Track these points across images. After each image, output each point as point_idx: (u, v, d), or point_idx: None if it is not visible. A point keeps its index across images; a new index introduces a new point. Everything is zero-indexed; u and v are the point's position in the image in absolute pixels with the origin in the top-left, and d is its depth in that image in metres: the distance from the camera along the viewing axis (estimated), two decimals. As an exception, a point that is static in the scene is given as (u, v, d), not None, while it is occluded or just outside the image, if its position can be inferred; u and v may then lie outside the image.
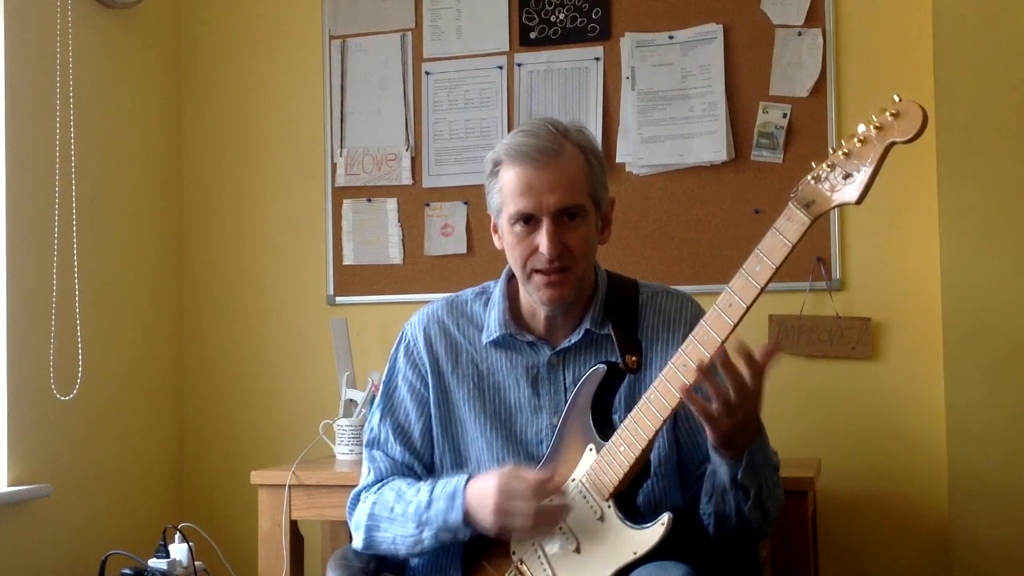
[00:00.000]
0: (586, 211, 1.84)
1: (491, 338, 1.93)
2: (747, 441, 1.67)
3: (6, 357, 2.64)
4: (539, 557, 1.76)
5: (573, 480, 1.75)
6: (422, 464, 1.97)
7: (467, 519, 1.77)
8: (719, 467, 1.72)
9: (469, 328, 1.97)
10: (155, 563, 2.49)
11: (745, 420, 1.64)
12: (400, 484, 1.92)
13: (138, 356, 3.10)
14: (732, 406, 1.62)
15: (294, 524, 2.56)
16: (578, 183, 1.83)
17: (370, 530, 1.91)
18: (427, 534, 1.82)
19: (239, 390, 3.23)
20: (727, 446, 1.67)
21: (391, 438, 1.98)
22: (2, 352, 2.63)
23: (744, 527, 1.74)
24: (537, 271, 1.83)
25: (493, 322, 1.93)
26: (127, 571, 2.47)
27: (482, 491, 1.76)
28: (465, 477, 1.82)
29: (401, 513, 1.86)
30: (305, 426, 2.99)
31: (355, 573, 1.98)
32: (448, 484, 1.82)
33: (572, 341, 1.89)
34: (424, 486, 1.86)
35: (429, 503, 1.82)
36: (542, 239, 1.80)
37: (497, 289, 1.97)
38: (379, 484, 1.96)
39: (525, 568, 1.77)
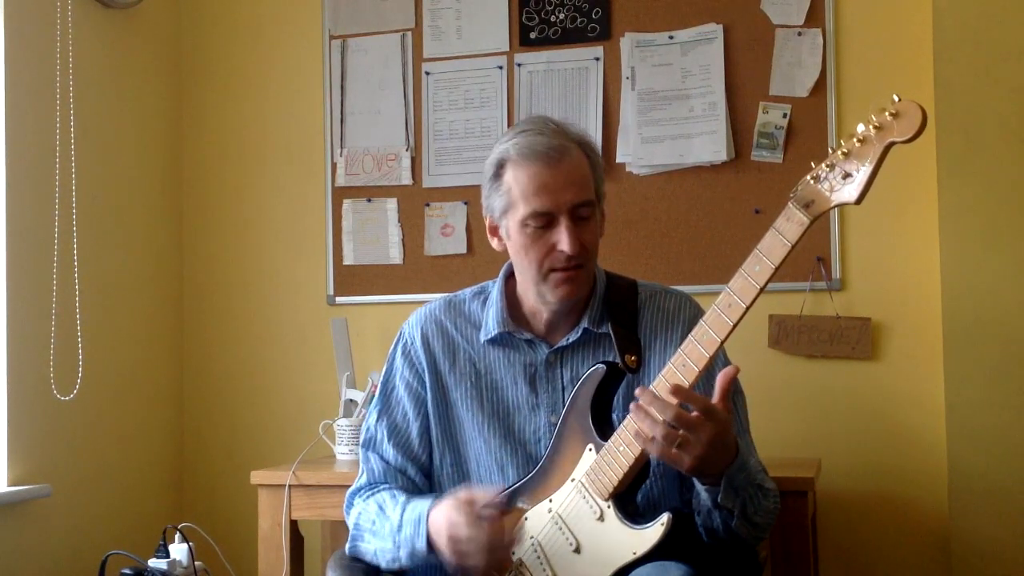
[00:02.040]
0: (594, 207, 1.85)
1: (489, 336, 1.93)
2: (721, 466, 1.65)
3: (6, 357, 2.64)
4: (539, 557, 1.76)
5: (572, 480, 1.75)
6: (417, 465, 1.97)
7: (432, 547, 1.77)
8: (700, 490, 1.71)
9: (467, 327, 1.97)
10: (155, 563, 2.49)
11: (709, 450, 1.61)
12: (385, 497, 1.92)
13: (138, 356, 3.11)
14: (686, 441, 1.59)
15: (294, 524, 2.57)
16: (587, 180, 1.84)
17: (354, 539, 1.95)
18: (403, 554, 1.84)
19: (239, 390, 3.23)
20: (700, 475, 1.67)
21: (386, 439, 1.98)
22: (2, 352, 2.63)
23: (734, 538, 1.74)
24: (554, 269, 1.83)
25: (491, 320, 1.93)
26: (127, 571, 2.46)
27: (437, 522, 1.75)
28: (429, 502, 1.80)
29: (380, 528, 1.88)
30: (305, 426, 2.99)
31: (356, 573, 1.98)
32: (415, 508, 1.82)
33: (570, 340, 1.89)
34: (399, 505, 1.86)
35: (400, 525, 1.83)
36: (562, 237, 1.80)
37: (495, 288, 1.97)
38: (370, 490, 1.97)
39: (525, 568, 1.77)
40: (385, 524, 1.87)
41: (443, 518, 1.74)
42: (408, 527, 1.81)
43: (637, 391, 1.64)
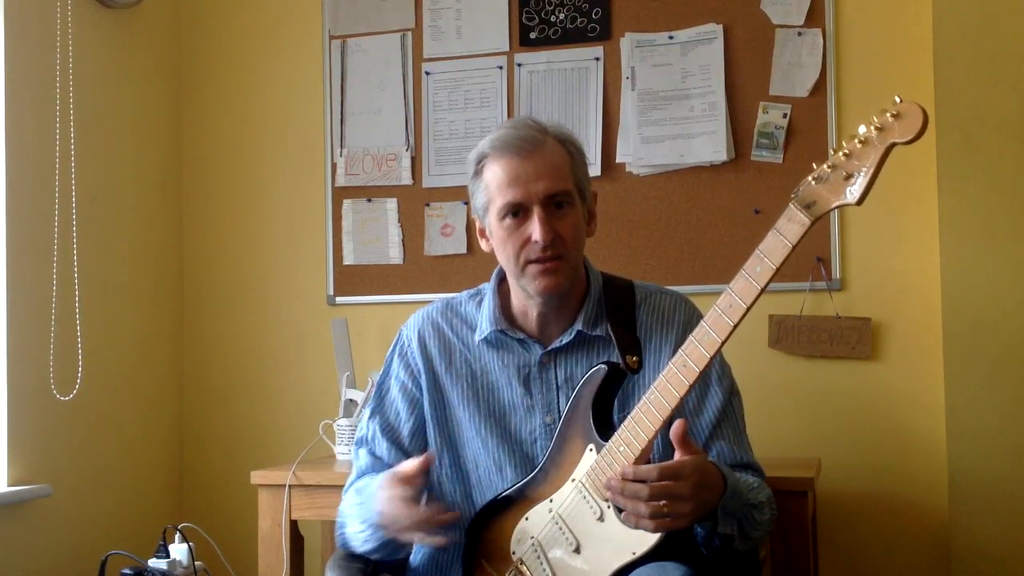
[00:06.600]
0: (573, 199, 1.85)
1: (483, 335, 1.93)
2: (714, 503, 1.66)
3: (6, 357, 2.64)
4: (539, 557, 1.76)
5: (573, 480, 1.75)
6: None
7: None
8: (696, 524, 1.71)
9: (463, 328, 1.98)
10: (155, 563, 2.49)
11: (698, 503, 1.62)
12: (365, 480, 1.93)
13: (138, 356, 3.11)
14: (674, 508, 1.60)
15: (294, 524, 2.57)
16: (563, 171, 1.84)
17: (341, 527, 1.96)
18: (369, 532, 1.85)
19: (239, 390, 3.23)
20: (699, 520, 1.68)
21: (378, 435, 1.99)
22: (2, 352, 2.63)
23: (732, 552, 1.75)
24: (531, 262, 1.83)
25: (485, 320, 1.94)
26: (127, 571, 2.46)
27: (377, 494, 1.79)
28: (385, 474, 1.82)
29: (358, 505, 1.89)
30: (305, 426, 2.99)
31: (354, 573, 1.98)
32: (375, 481, 1.84)
33: (563, 342, 1.89)
34: (373, 482, 1.87)
35: (365, 501, 1.85)
36: (534, 227, 1.80)
37: (489, 289, 1.97)
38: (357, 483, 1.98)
39: (525, 568, 1.77)
40: (361, 505, 1.88)
41: (376, 487, 1.80)
42: (369, 501, 1.83)
43: (606, 483, 1.64)
